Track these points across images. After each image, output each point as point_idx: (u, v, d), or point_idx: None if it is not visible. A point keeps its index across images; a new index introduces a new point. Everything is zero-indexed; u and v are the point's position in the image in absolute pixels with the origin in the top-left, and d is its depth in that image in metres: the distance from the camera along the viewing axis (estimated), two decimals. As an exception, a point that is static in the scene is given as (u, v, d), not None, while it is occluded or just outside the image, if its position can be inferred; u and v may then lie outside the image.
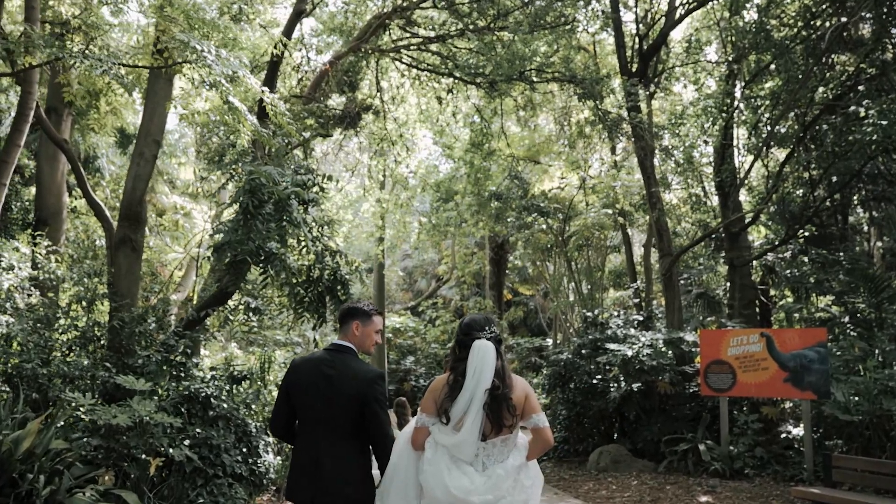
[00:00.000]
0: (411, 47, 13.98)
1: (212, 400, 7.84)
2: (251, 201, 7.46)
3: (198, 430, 7.48)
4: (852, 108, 11.00)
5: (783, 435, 11.01)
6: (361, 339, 3.60)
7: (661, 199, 13.55)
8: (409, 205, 19.57)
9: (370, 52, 12.87)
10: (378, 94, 15.46)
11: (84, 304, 8.60)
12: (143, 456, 6.62)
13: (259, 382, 11.72)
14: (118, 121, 13.01)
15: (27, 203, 11.53)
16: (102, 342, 8.39)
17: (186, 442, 7.23)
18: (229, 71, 5.81)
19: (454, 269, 28.26)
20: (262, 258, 7.63)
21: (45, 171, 11.16)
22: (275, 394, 11.04)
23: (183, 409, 7.60)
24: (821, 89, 12.64)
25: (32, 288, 8.80)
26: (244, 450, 8.07)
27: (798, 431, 10.77)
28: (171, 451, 6.76)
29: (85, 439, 6.55)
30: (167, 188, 19.44)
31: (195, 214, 18.79)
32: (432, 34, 13.82)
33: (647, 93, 13.64)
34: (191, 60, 5.80)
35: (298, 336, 20.50)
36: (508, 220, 17.75)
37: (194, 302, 11.10)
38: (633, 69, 13.84)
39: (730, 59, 13.38)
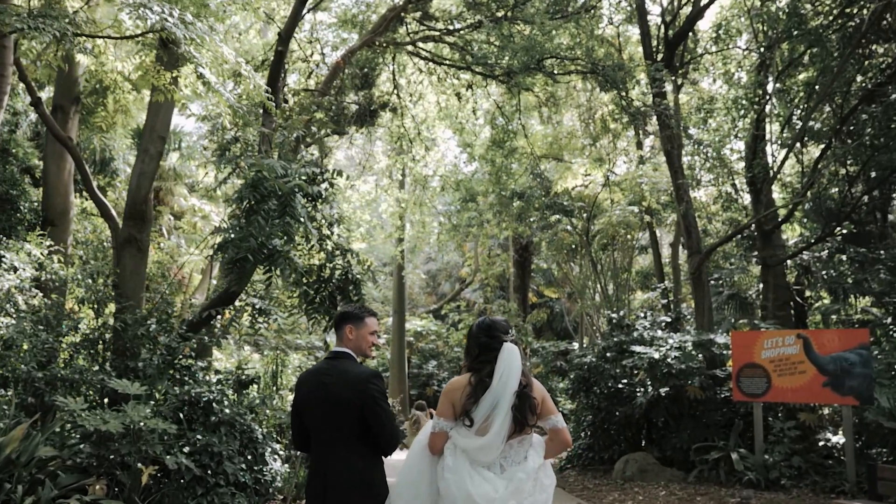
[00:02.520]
0: (427, 40, 13.60)
1: (214, 405, 7.52)
2: (253, 196, 7.13)
3: (198, 436, 7.15)
4: (893, 96, 10.44)
5: (822, 443, 10.40)
6: (357, 343, 3.61)
7: (688, 193, 12.98)
8: (429, 205, 19.18)
9: (385, 45, 12.52)
10: (395, 90, 15.11)
11: (94, 305, 8.35)
12: (138, 464, 6.28)
13: (272, 387, 11.41)
14: (130, 120, 12.83)
15: (36, 204, 11.37)
16: (110, 344, 8.13)
17: (185, 449, 6.91)
18: (193, 35, 5.46)
19: (477, 271, 27.84)
20: (266, 256, 7.30)
21: (51, 170, 11.00)
22: (287, 399, 10.75)
23: (182, 415, 7.28)
24: (858, 78, 12.05)
25: (34, 289, 8.57)
26: (249, 457, 7.73)
27: (838, 439, 10.17)
28: (166, 458, 6.42)
29: (81, 446, 6.29)
30: (185, 191, 19.32)
31: (213, 217, 18.66)
32: (449, 28, 13.45)
33: (673, 79, 13.11)
34: (156, 30, 5.48)
35: (319, 340, 20.17)
36: (531, 220, 17.31)
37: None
38: (659, 58, 13.34)
39: (761, 48, 12.80)
